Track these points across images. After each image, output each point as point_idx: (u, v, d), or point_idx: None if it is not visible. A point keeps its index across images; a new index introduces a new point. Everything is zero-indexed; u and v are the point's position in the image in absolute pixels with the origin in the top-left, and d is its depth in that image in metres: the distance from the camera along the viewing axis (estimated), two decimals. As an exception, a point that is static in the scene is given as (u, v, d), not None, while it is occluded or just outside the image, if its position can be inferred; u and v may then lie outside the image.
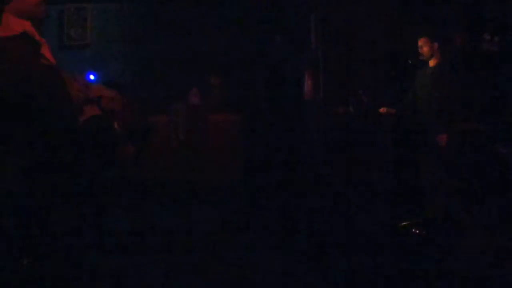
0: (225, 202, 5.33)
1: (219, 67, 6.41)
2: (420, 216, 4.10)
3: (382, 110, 4.41)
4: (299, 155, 5.86)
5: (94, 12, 6.83)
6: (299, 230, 4.23)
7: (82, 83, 4.25)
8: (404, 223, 4.08)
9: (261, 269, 3.23)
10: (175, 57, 6.54)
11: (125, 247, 3.69)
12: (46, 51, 2.07)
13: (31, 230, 1.97)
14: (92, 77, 6.20)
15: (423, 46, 4.19)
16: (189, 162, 5.85)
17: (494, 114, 4.58)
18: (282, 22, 6.36)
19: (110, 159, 3.96)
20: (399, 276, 3.06)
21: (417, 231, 3.95)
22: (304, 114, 6.04)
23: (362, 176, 5.27)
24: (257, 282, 3.02)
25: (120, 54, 6.64)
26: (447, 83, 4.08)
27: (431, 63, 4.22)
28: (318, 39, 5.83)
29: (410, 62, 4.39)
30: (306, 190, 5.35)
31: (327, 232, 4.12)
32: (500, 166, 4.38)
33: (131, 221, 4.39)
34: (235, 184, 5.83)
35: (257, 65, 6.32)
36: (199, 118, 6.07)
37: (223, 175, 5.92)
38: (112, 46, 6.72)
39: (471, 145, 4.37)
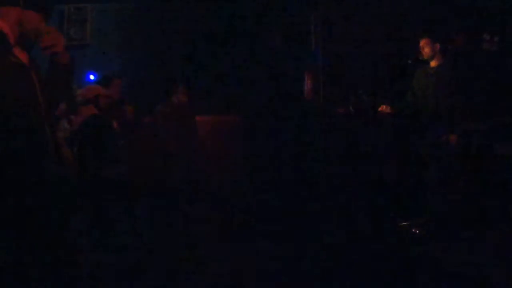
0: (226, 203, 5.32)
1: (218, 67, 6.39)
2: (420, 216, 4.10)
3: (382, 108, 4.42)
4: (300, 155, 5.86)
5: (94, 12, 6.82)
6: (300, 230, 4.23)
7: None
8: (404, 223, 4.08)
9: (261, 269, 3.23)
10: (174, 57, 6.53)
11: (125, 247, 3.69)
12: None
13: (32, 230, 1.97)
14: (92, 77, 6.19)
15: (424, 47, 4.19)
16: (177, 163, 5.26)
17: (494, 114, 4.58)
18: (282, 22, 6.36)
19: (111, 157, 3.97)
20: (399, 276, 3.06)
21: (417, 231, 3.95)
22: (304, 114, 6.04)
23: (362, 176, 5.26)
24: (257, 282, 3.02)
25: (120, 54, 6.63)
26: (454, 83, 4.07)
27: (433, 63, 4.21)
28: (318, 39, 5.83)
29: (410, 62, 4.39)
30: (306, 190, 5.35)
31: (328, 232, 4.12)
32: (499, 166, 4.38)
33: (130, 221, 4.39)
34: (235, 184, 5.83)
35: (257, 65, 6.31)
36: (186, 118, 5.39)
37: (223, 176, 5.89)
38: (112, 46, 6.72)
39: (471, 145, 4.36)
